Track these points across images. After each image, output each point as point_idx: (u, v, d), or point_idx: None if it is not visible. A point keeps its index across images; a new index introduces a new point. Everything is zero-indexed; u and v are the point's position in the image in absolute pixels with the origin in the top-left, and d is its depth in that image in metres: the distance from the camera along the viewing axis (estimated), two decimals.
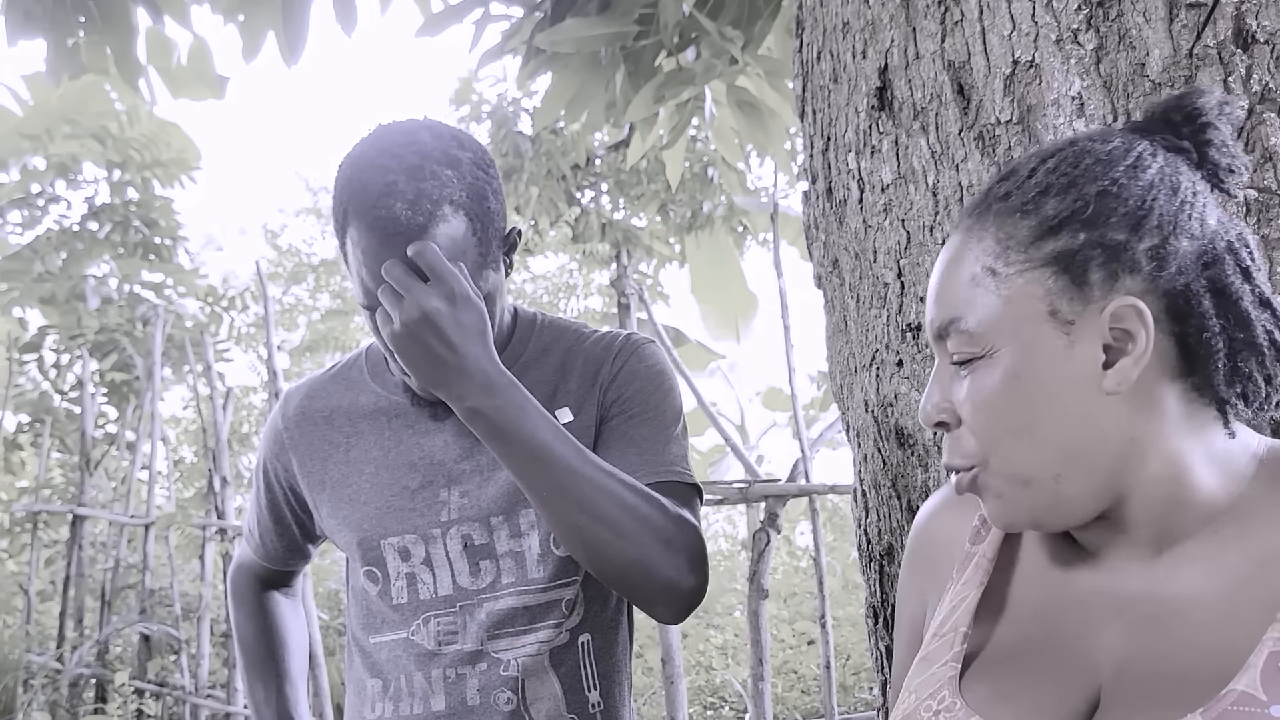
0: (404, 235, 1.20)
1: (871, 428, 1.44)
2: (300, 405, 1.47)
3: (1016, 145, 1.21)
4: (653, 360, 1.42)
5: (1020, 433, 0.80)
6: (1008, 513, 0.83)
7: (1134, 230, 0.78)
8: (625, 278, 5.31)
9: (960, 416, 0.83)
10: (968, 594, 0.91)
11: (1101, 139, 0.83)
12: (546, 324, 1.46)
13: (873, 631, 1.47)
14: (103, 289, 7.68)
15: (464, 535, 1.35)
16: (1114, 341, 0.78)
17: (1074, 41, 1.16)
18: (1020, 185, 0.83)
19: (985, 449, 0.82)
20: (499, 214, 1.30)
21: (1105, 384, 0.78)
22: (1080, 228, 0.78)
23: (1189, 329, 0.78)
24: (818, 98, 1.54)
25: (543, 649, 1.35)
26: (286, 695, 1.54)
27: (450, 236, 1.22)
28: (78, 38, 3.05)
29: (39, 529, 7.16)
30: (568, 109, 3.13)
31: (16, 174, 7.93)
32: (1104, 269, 0.78)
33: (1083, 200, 0.79)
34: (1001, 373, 0.80)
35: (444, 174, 1.23)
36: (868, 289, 1.42)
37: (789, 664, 7.08)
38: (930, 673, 0.88)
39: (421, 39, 2.98)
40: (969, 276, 0.82)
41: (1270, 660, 0.70)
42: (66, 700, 6.18)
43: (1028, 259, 0.80)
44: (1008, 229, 0.81)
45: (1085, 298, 0.78)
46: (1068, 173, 0.81)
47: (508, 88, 7.56)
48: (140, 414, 7.16)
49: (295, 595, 1.65)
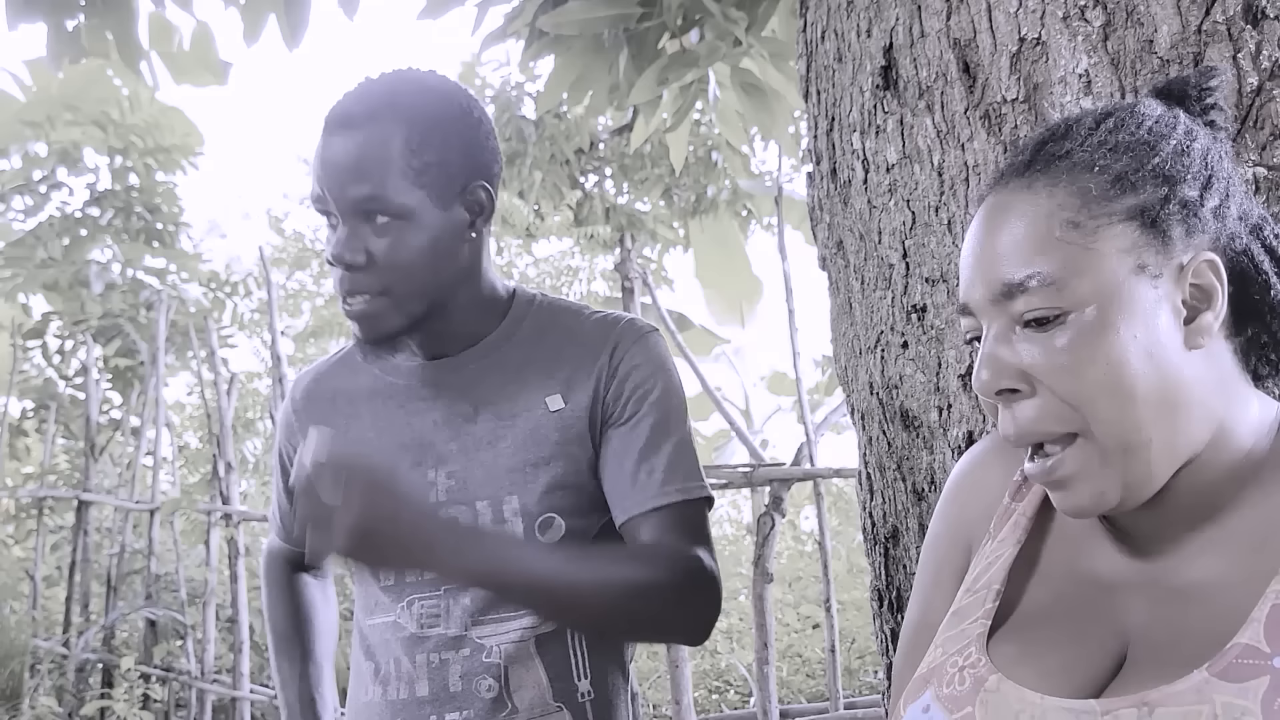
0: (339, 122, 1.26)
1: (876, 410, 1.43)
2: (307, 388, 1.49)
3: (1023, 124, 1.19)
4: (655, 354, 1.38)
5: (1120, 391, 0.76)
6: (1100, 493, 0.79)
7: (1204, 188, 0.79)
8: (629, 262, 5.29)
9: (1036, 381, 0.79)
10: (1004, 551, 0.90)
11: (1144, 104, 0.83)
12: (544, 305, 1.43)
13: (878, 615, 1.46)
14: (106, 275, 7.68)
15: (451, 517, 1.35)
16: (1191, 298, 0.78)
17: (1081, 18, 1.15)
18: (1083, 142, 0.81)
19: (1086, 412, 0.77)
20: (453, 150, 1.29)
21: (1188, 340, 0.77)
22: (1161, 182, 0.79)
23: (1251, 287, 0.80)
24: (822, 78, 1.52)
25: (527, 635, 1.33)
26: (309, 675, 1.55)
27: (380, 137, 1.26)
28: (78, 21, 3.04)
29: (44, 515, 7.19)
30: (571, 92, 3.12)
31: (19, 160, 7.92)
32: (1183, 224, 0.78)
33: (1160, 157, 0.79)
34: (1094, 328, 0.76)
35: (406, 89, 1.29)
36: (872, 270, 1.41)
37: (794, 648, 7.09)
38: (960, 628, 0.88)
39: (424, 22, 2.97)
40: (1044, 230, 0.79)
41: (1273, 613, 0.71)
42: (73, 685, 6.20)
43: (1110, 212, 0.78)
44: (1082, 183, 0.79)
45: (1168, 252, 0.78)
46: (1134, 131, 0.81)
47: (511, 71, 7.54)
48: (145, 400, 7.15)
49: (326, 577, 1.66)
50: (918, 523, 1.36)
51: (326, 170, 1.27)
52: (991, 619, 0.86)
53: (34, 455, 7.97)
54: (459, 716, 1.33)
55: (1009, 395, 0.80)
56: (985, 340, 0.81)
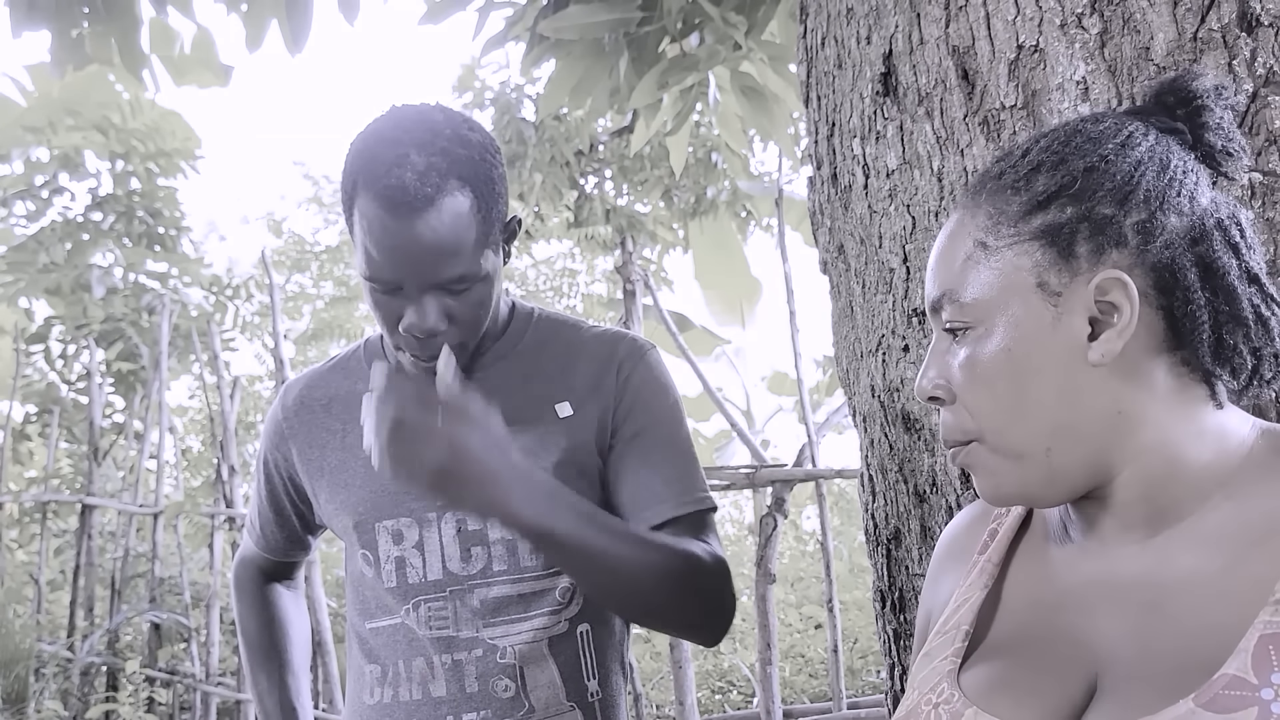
0: (410, 205, 1.21)
1: (878, 412, 1.44)
2: (300, 395, 1.49)
3: (1021, 130, 1.21)
4: (658, 372, 1.44)
5: (1011, 405, 0.81)
6: (1000, 487, 0.85)
7: (1121, 205, 0.79)
8: (630, 264, 5.29)
9: (954, 391, 0.85)
10: (971, 595, 0.93)
11: (1094, 120, 0.84)
12: (544, 318, 1.47)
13: (880, 615, 1.48)
14: (108, 279, 7.69)
15: (458, 520, 1.36)
16: (1099, 314, 0.79)
17: (1078, 26, 1.16)
18: (1014, 164, 0.85)
19: (979, 423, 0.83)
20: (503, 198, 1.31)
21: (1090, 355, 0.79)
22: (1068, 202, 0.80)
23: (1175, 303, 0.79)
24: (822, 84, 1.54)
25: (540, 636, 1.36)
26: (289, 685, 1.55)
27: (455, 211, 1.23)
28: (82, 29, 3.05)
29: (48, 519, 7.20)
30: (571, 95, 3.13)
31: (20, 166, 7.94)
32: (1090, 242, 0.79)
33: (1070, 175, 0.81)
34: (992, 344, 0.81)
35: (454, 150, 1.24)
36: (873, 274, 1.43)
37: (796, 648, 7.10)
38: (931, 667, 0.89)
39: (424, 27, 2.98)
40: (963, 251, 0.84)
41: (1260, 644, 0.70)
42: (78, 689, 6.22)
43: (1017, 233, 0.82)
44: (999, 204, 0.83)
45: (1072, 270, 0.79)
46: (1058, 150, 0.83)
47: (511, 74, 7.54)
48: (147, 403, 7.17)
49: (297, 587, 1.67)
50: (919, 524, 1.37)
51: (407, 257, 1.23)
52: (961, 657, 0.88)
53: (37, 460, 7.99)
54: (476, 717, 1.35)
55: (935, 402, 0.86)
56: (930, 349, 0.88)
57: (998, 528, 0.96)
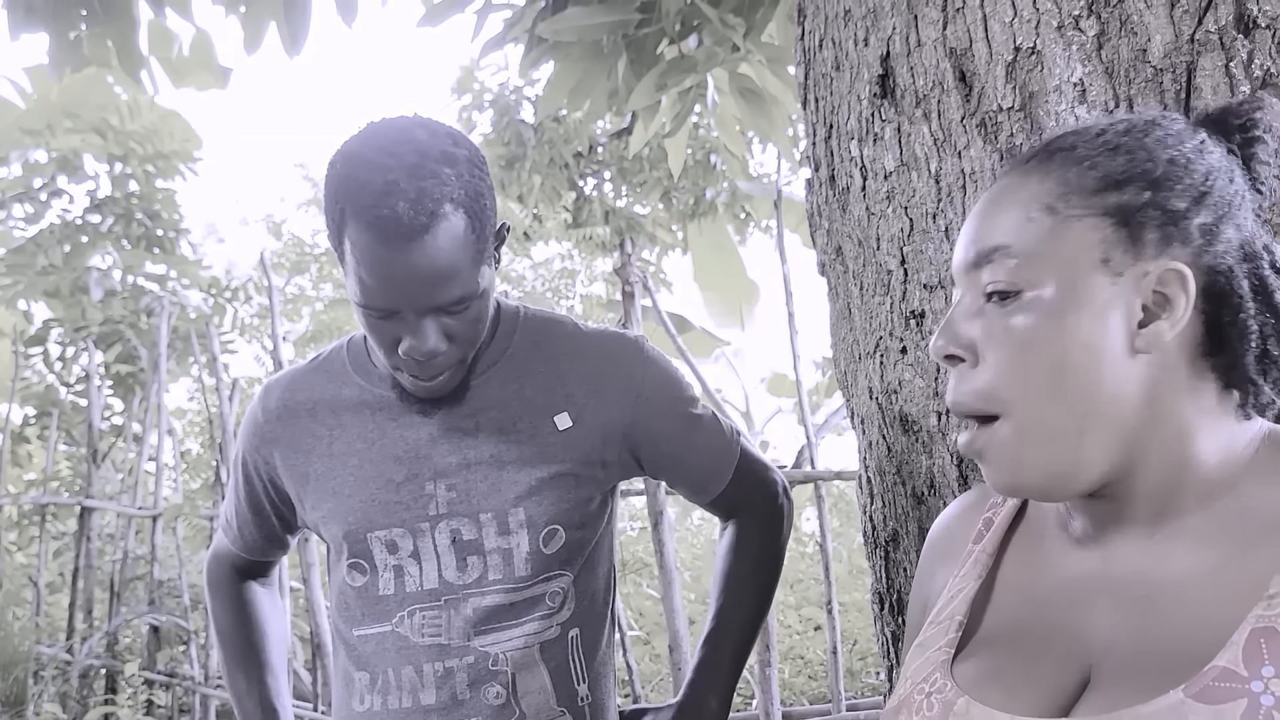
0: (405, 235, 1.18)
1: (876, 414, 1.44)
2: (281, 398, 1.45)
3: (1019, 132, 1.21)
4: (662, 364, 1.46)
5: (1052, 379, 0.79)
6: (1019, 473, 0.82)
7: (1195, 203, 0.80)
8: (629, 265, 5.29)
9: (980, 354, 0.83)
10: (965, 585, 0.93)
11: (1169, 118, 0.85)
12: (530, 317, 1.45)
13: (879, 617, 1.48)
14: (106, 281, 7.69)
15: (453, 529, 1.35)
16: (1152, 303, 0.79)
17: (1075, 28, 1.16)
18: (1088, 140, 0.84)
19: (1012, 394, 0.81)
20: (492, 210, 1.29)
21: (1137, 342, 0.79)
22: (1146, 187, 0.80)
23: (1224, 309, 0.80)
24: (820, 85, 1.54)
25: (531, 642, 1.35)
26: (268, 684, 1.53)
27: (452, 235, 1.21)
28: (80, 31, 3.05)
29: (47, 521, 7.19)
30: (570, 97, 3.13)
31: (19, 168, 7.93)
32: (1159, 231, 0.79)
33: (1153, 162, 0.81)
34: (1043, 311, 0.80)
35: (443, 172, 1.21)
36: (871, 276, 1.43)
37: (795, 649, 7.09)
38: (925, 657, 0.90)
39: (423, 29, 2.98)
40: (1023, 210, 0.83)
41: (1252, 637, 0.71)
42: (77, 691, 6.21)
43: (1089, 205, 0.81)
44: (1072, 175, 0.83)
45: (1137, 254, 0.79)
46: (1139, 137, 0.83)
47: (510, 76, 7.54)
48: (146, 406, 7.16)
49: (273, 585, 1.64)
50: (918, 526, 1.37)
51: (405, 286, 1.22)
52: (955, 647, 0.88)
53: (36, 462, 7.98)
54: None
55: (951, 362, 0.84)
56: (952, 307, 0.86)
57: (992, 517, 0.96)
